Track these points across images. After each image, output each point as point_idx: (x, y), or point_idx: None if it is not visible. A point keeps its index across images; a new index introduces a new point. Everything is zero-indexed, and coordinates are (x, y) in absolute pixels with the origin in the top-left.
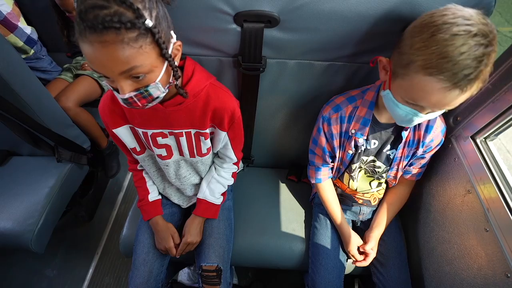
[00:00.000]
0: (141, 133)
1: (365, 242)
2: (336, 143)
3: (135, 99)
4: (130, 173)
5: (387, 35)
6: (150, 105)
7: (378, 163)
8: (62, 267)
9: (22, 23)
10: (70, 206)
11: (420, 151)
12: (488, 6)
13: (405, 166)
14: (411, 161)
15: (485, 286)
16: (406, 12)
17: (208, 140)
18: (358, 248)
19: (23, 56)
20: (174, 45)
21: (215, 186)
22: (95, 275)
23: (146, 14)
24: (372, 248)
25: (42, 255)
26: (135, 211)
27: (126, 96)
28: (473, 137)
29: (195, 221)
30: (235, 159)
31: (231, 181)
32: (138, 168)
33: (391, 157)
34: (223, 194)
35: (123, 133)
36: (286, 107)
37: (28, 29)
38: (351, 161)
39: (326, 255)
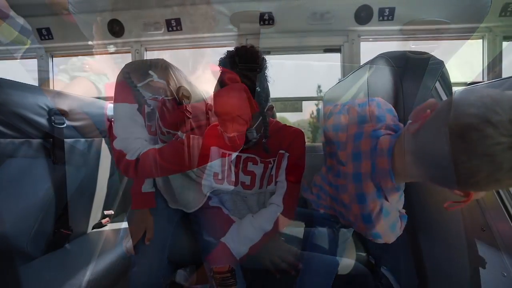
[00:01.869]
0: None
1: None
2: None
3: None
4: None
5: None
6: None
7: None
8: (59, 270)
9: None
10: (66, 207)
11: None
12: (485, 6)
13: None
14: None
15: (482, 285)
16: (403, 13)
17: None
18: None
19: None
20: None
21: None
22: (92, 277)
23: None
24: None
25: (39, 257)
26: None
27: None
28: None
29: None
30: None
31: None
32: None
33: None
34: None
35: None
36: (284, 107)
37: (20, 19)
38: None
39: (319, 255)
